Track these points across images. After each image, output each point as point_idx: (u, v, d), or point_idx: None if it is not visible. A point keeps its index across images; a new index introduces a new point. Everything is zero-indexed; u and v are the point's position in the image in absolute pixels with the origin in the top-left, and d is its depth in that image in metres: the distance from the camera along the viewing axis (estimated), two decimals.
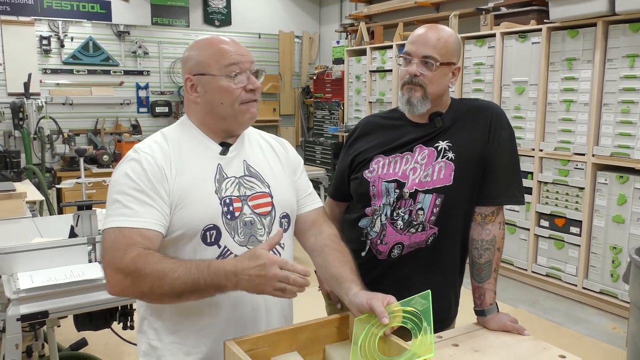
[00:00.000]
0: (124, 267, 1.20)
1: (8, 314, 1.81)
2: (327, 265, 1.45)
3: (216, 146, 1.40)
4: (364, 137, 1.72)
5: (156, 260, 1.20)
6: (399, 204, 1.61)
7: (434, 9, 5.66)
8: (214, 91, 1.34)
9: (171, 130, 1.41)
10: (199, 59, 1.35)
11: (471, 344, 1.48)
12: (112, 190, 1.30)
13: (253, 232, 1.37)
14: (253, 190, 1.40)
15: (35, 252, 2.02)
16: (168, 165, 1.32)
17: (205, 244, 1.31)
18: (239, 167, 1.41)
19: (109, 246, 1.24)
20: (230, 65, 1.33)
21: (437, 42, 1.56)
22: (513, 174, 1.65)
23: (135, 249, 1.21)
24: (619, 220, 3.74)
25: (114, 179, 1.32)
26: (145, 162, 1.30)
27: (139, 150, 1.34)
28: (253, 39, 7.23)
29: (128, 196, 1.27)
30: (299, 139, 7.69)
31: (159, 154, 1.33)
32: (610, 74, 3.74)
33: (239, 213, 1.35)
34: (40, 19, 5.96)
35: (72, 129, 6.08)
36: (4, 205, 2.80)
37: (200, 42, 1.39)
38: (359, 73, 6.12)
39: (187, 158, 1.35)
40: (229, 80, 1.33)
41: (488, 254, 1.62)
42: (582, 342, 3.41)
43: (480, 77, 4.64)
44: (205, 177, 1.35)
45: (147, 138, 1.41)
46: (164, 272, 1.18)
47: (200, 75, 1.34)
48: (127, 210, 1.25)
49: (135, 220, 1.25)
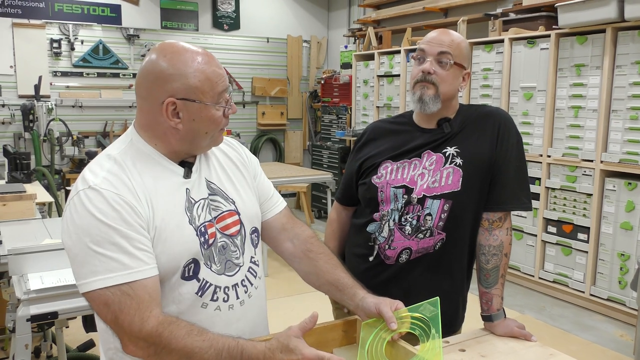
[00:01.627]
0: (145, 336, 1.08)
1: (18, 314, 1.83)
2: (319, 272, 1.40)
3: (178, 168, 1.24)
4: (372, 143, 1.73)
5: (183, 334, 1.09)
6: (407, 209, 1.62)
7: (443, 15, 5.67)
8: (202, 120, 1.19)
9: (120, 153, 1.21)
10: (189, 82, 1.16)
11: (478, 349, 1.48)
12: (82, 239, 1.10)
13: (228, 257, 1.28)
14: (219, 210, 1.28)
15: (45, 253, 2.04)
16: (137, 201, 1.15)
17: (184, 279, 1.21)
18: (202, 187, 1.27)
19: (117, 309, 1.09)
20: (222, 92, 1.21)
21: (452, 42, 1.59)
22: (521, 180, 1.65)
23: (153, 313, 1.09)
24: (627, 227, 3.72)
25: (79, 224, 1.11)
26: (113, 202, 1.12)
27: (97, 187, 1.13)
28: (261, 43, 7.26)
29: (109, 244, 1.10)
30: (306, 143, 7.71)
31: (123, 189, 1.14)
32: (619, 80, 3.73)
33: (213, 239, 1.25)
34: (51, 22, 6.02)
35: (81, 132, 6.13)
36: (15, 206, 2.83)
37: (182, 57, 1.17)
38: (367, 78, 6.13)
39: (153, 188, 1.19)
40: (219, 109, 1.21)
41: (495, 260, 1.63)
42: (589, 350, 3.40)
43: (488, 82, 4.64)
44: (176, 207, 1.21)
45: (93, 166, 1.19)
46: (192, 352, 1.08)
47: (189, 101, 1.17)
48: (114, 263, 1.09)
49: (131, 272, 1.10)
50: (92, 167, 1.19)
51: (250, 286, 1.33)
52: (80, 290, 1.12)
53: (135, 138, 1.24)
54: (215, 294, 1.25)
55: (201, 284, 1.23)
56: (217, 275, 1.25)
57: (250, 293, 1.32)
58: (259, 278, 1.37)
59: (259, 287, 1.36)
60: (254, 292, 1.34)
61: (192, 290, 1.22)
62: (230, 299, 1.27)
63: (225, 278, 1.27)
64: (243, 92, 7.25)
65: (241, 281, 1.30)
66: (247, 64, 7.21)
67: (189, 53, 1.19)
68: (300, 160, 7.69)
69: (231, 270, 1.28)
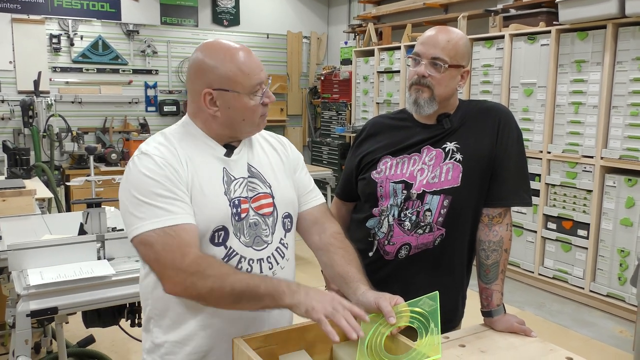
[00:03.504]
0: (186, 267, 1.20)
1: (18, 310, 1.83)
2: (333, 264, 1.44)
3: (220, 148, 1.38)
4: (372, 138, 1.73)
5: (220, 264, 1.24)
6: (407, 204, 1.61)
7: (443, 10, 5.66)
8: (237, 109, 1.32)
9: (173, 132, 1.38)
10: (223, 73, 1.30)
11: (478, 345, 1.48)
12: (131, 193, 1.26)
13: (258, 233, 1.37)
14: (255, 191, 1.39)
15: (45, 248, 2.04)
16: (180, 166, 1.30)
17: (213, 244, 1.31)
18: (243, 168, 1.40)
19: (161, 248, 1.22)
20: (257, 84, 1.32)
21: (447, 44, 1.56)
22: (521, 175, 1.65)
23: (193, 250, 1.22)
24: (627, 224, 3.72)
25: (131, 180, 1.28)
26: (160, 162, 1.28)
27: (148, 152, 1.30)
28: (261, 39, 7.25)
29: (155, 195, 1.24)
30: (305, 139, 7.70)
31: (168, 155, 1.30)
32: (620, 76, 3.73)
33: (245, 214, 1.35)
34: (51, 18, 6.00)
35: (81, 127, 6.12)
36: (14, 202, 2.83)
37: (219, 52, 1.32)
38: (367, 74, 6.12)
39: (194, 158, 1.33)
40: (254, 98, 1.32)
41: (495, 255, 1.62)
42: (589, 346, 3.40)
43: (489, 78, 4.63)
44: (213, 178, 1.34)
45: (149, 139, 1.37)
46: (227, 273, 1.21)
47: (224, 90, 1.31)
48: (159, 210, 1.24)
49: (173, 217, 1.24)
50: (148, 140, 1.36)
51: (276, 265, 1.40)
52: (129, 237, 1.27)
53: (187, 122, 1.39)
54: (240, 264, 1.34)
55: (228, 251, 1.33)
56: (245, 247, 1.34)
57: (274, 271, 1.39)
58: (287, 260, 1.44)
59: (285, 268, 1.43)
60: (279, 272, 1.40)
61: (220, 255, 1.31)
62: (254, 271, 1.35)
63: (252, 251, 1.35)
64: None
65: (267, 257, 1.38)
66: None
67: (226, 48, 1.33)
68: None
69: (259, 245, 1.37)
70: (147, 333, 1.42)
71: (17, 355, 1.84)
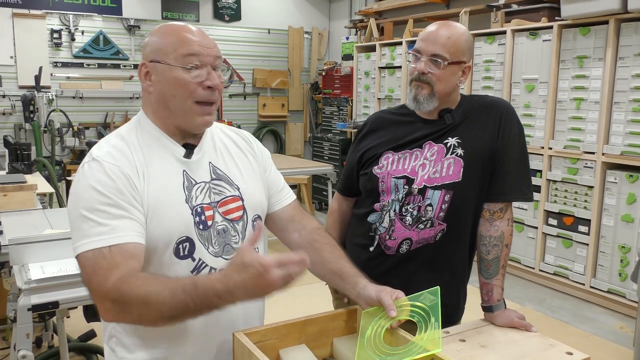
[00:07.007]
0: (106, 293, 1.08)
1: (19, 304, 1.83)
2: (323, 262, 1.40)
3: (179, 148, 1.28)
4: (374, 133, 1.73)
5: (140, 283, 1.08)
6: (408, 199, 1.61)
7: (445, 6, 5.64)
8: (167, 81, 1.23)
9: (128, 131, 1.28)
10: (157, 45, 1.24)
11: (478, 340, 1.49)
12: (77, 206, 1.15)
13: (227, 240, 1.28)
14: (222, 195, 1.30)
15: (46, 243, 2.05)
16: (135, 174, 1.19)
17: (178, 257, 1.22)
18: (206, 170, 1.30)
19: (91, 271, 1.11)
20: (189, 55, 1.21)
21: (447, 40, 1.55)
22: (522, 171, 1.65)
23: (117, 272, 1.09)
24: (628, 220, 3.72)
25: (78, 193, 1.17)
26: (111, 172, 1.17)
27: (100, 158, 1.19)
28: (262, 34, 7.24)
29: (100, 212, 1.14)
30: (307, 135, 7.70)
31: (123, 162, 1.20)
32: (622, 72, 3.72)
33: (211, 222, 1.26)
34: (52, 13, 6.00)
35: (82, 122, 6.13)
36: (16, 197, 2.83)
37: (162, 28, 1.27)
38: (368, 69, 6.11)
39: (152, 164, 1.23)
40: (185, 72, 1.21)
41: (496, 251, 1.62)
42: (589, 341, 3.40)
43: (490, 74, 4.62)
44: (173, 184, 1.24)
45: (102, 141, 1.27)
46: (148, 297, 1.06)
47: (156, 62, 1.23)
48: (102, 227, 1.13)
49: (113, 236, 1.12)
50: (100, 143, 1.26)
51: None
52: (73, 254, 1.16)
53: (142, 118, 1.30)
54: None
55: (197, 264, 1.24)
56: (214, 257, 1.26)
57: None
58: None
59: None
60: None
61: (188, 268, 1.23)
62: None
63: (223, 261, 1.26)
64: (244, 83, 7.23)
65: None
66: (248, 55, 7.19)
67: (172, 25, 1.28)
68: (301, 152, 7.68)
69: (229, 253, 1.28)
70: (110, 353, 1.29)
71: (18, 349, 1.85)
